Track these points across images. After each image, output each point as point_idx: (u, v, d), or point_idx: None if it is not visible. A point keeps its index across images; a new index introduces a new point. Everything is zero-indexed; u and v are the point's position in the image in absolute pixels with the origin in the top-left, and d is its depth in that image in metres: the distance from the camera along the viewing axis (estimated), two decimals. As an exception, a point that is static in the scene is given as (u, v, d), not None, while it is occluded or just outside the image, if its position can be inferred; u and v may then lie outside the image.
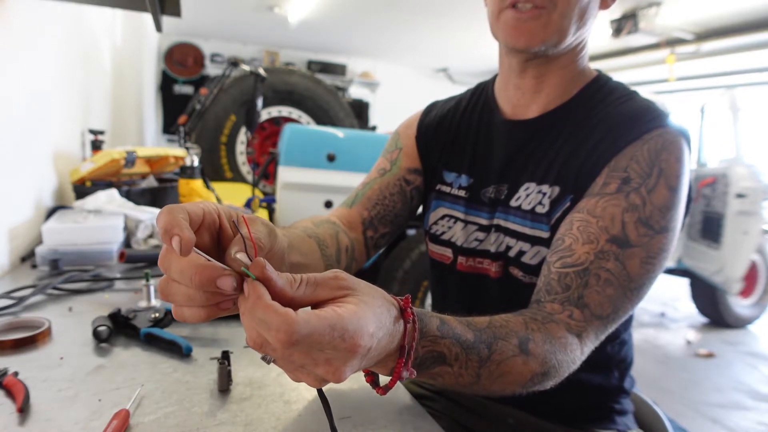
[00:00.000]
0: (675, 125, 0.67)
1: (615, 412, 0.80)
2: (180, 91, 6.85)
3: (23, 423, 0.53)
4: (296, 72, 4.37)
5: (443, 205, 0.84)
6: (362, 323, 0.36)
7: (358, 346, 0.35)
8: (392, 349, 0.41)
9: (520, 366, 0.51)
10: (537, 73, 0.74)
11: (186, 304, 0.39)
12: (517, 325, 0.54)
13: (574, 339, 0.57)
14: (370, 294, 0.39)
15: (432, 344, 0.45)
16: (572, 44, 0.71)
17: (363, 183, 0.87)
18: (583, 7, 0.67)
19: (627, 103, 0.71)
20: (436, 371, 0.47)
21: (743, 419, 2.55)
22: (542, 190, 0.71)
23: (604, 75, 0.78)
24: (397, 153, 0.89)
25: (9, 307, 0.84)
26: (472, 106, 0.86)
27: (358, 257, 0.80)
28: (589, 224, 0.62)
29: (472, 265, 0.80)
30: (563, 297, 0.60)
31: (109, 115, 2.64)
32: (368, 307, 0.37)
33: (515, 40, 0.68)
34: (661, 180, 0.62)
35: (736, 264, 3.61)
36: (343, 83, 7.52)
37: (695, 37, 4.97)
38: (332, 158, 2.86)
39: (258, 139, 4.39)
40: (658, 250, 0.62)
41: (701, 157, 3.98)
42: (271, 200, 2.96)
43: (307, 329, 0.33)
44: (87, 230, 1.15)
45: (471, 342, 0.48)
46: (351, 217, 0.82)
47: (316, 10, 5.20)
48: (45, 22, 1.39)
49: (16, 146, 1.16)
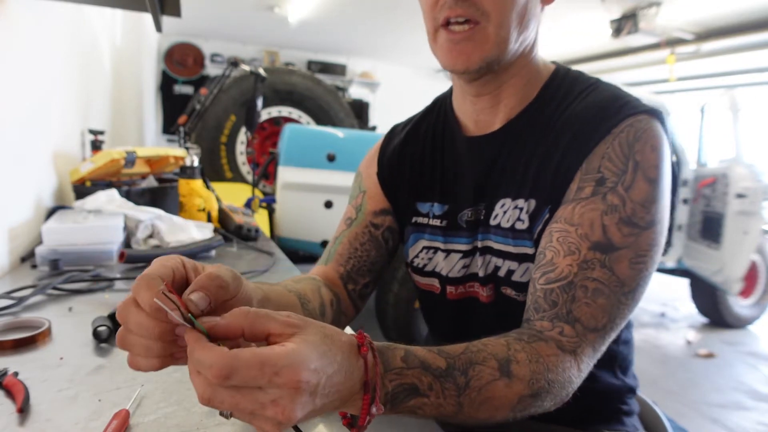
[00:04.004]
0: (645, 108, 0.63)
1: (623, 413, 0.79)
2: (180, 91, 6.85)
3: (23, 423, 0.53)
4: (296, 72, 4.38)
5: (423, 237, 0.79)
6: (300, 359, 0.36)
7: (298, 382, 0.35)
8: (356, 387, 0.41)
9: (502, 390, 0.49)
10: (490, 87, 0.70)
11: (143, 354, 0.42)
12: (496, 348, 0.52)
13: (567, 356, 0.55)
14: (318, 333, 0.39)
15: (399, 377, 0.44)
16: (518, 50, 0.67)
17: (334, 237, 0.84)
18: (521, 10, 0.63)
19: (591, 95, 0.67)
20: (412, 404, 0.45)
21: (743, 419, 2.55)
22: (518, 205, 0.68)
23: (562, 68, 0.73)
24: (361, 197, 0.84)
25: (9, 307, 0.84)
26: (433, 127, 0.81)
27: (345, 310, 0.78)
28: (569, 234, 0.59)
29: (462, 291, 0.77)
30: (552, 314, 0.57)
31: (109, 115, 2.64)
32: (309, 344, 0.37)
33: (453, 63, 0.65)
34: (638, 174, 0.59)
35: (736, 264, 3.61)
36: (343, 83, 7.52)
37: (695, 37, 4.97)
38: (332, 158, 2.86)
39: (258, 139, 4.39)
40: (648, 247, 0.59)
41: (701, 157, 3.98)
42: (271, 200, 2.96)
43: (238, 363, 0.34)
44: (87, 230, 1.15)
45: (443, 370, 0.47)
46: (328, 273, 0.80)
47: (316, 10, 5.20)
48: (45, 22, 1.39)
49: (16, 146, 1.16)
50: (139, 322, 0.40)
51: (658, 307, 4.36)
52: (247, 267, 1.23)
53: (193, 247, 1.26)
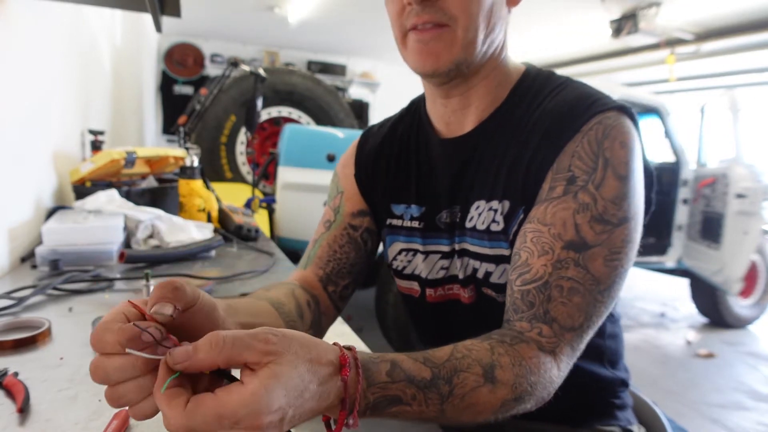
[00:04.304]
0: (614, 104, 0.63)
1: (615, 407, 0.80)
2: (180, 92, 6.85)
3: (23, 423, 0.53)
4: (296, 72, 4.38)
5: (398, 239, 0.80)
6: (261, 404, 0.35)
7: (259, 426, 0.35)
8: (333, 404, 0.41)
9: (486, 396, 0.50)
10: (460, 90, 0.70)
11: (142, 397, 0.38)
12: (481, 353, 0.52)
13: (547, 357, 0.55)
14: (294, 360, 0.38)
15: (382, 390, 0.44)
16: (487, 52, 0.67)
17: (313, 240, 0.84)
18: (487, 13, 0.64)
19: (561, 94, 0.67)
20: (393, 411, 0.46)
21: (743, 419, 2.55)
22: (493, 207, 0.68)
23: (532, 68, 0.73)
24: (339, 198, 0.85)
25: (9, 308, 0.84)
26: (408, 130, 0.82)
27: (325, 311, 0.78)
28: (542, 234, 0.60)
29: (442, 294, 0.77)
30: (529, 315, 0.58)
31: (109, 115, 2.64)
32: (278, 379, 0.36)
33: (422, 64, 0.65)
34: (608, 171, 0.59)
35: (736, 264, 3.61)
36: (343, 83, 7.52)
37: (695, 37, 4.97)
38: (332, 158, 2.87)
39: (258, 139, 4.39)
40: (622, 243, 0.59)
41: (701, 157, 3.98)
42: (271, 200, 2.96)
43: (194, 421, 0.34)
44: (87, 230, 1.15)
45: (428, 381, 0.47)
46: (307, 277, 0.80)
47: (316, 10, 5.20)
48: (44, 22, 1.39)
49: (16, 146, 1.16)
50: (118, 366, 0.37)
51: (658, 307, 4.36)
52: (247, 267, 1.23)
53: (193, 247, 1.26)
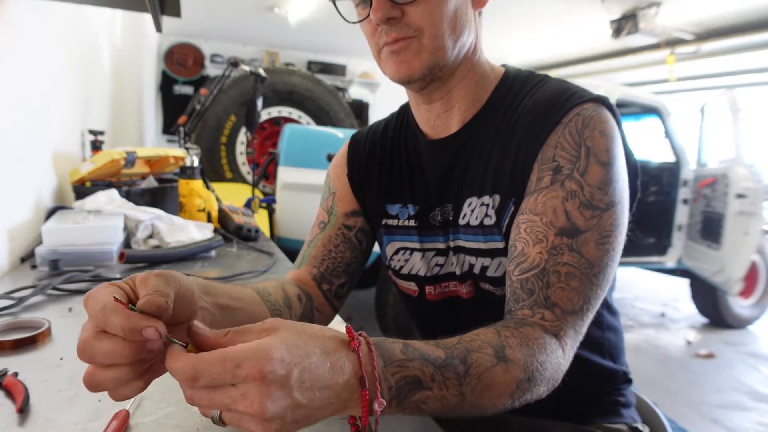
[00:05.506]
0: (591, 96, 0.66)
1: (620, 405, 0.80)
2: (180, 92, 6.84)
3: (23, 423, 0.53)
4: (296, 72, 4.38)
5: (395, 239, 0.82)
6: (262, 350, 0.36)
7: (261, 372, 0.35)
8: (351, 382, 0.41)
9: (501, 374, 0.50)
10: (440, 93, 0.73)
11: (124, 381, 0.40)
12: (488, 335, 0.53)
13: (552, 339, 0.57)
14: (293, 330, 0.40)
15: (401, 369, 0.44)
16: (459, 54, 0.70)
17: (307, 242, 0.85)
18: (452, 20, 0.66)
19: (540, 90, 0.70)
20: (417, 398, 0.45)
21: (744, 420, 2.55)
22: (484, 202, 0.70)
23: (512, 69, 0.76)
24: (332, 199, 0.86)
25: (9, 308, 0.84)
26: (398, 132, 0.84)
27: (320, 308, 0.80)
28: (535, 223, 0.62)
29: (441, 291, 0.79)
30: (530, 302, 0.59)
31: (109, 115, 2.64)
32: (278, 338, 0.38)
33: (397, 74, 0.68)
34: (591, 159, 0.62)
35: (737, 264, 3.61)
36: (343, 83, 7.52)
37: (695, 38, 4.98)
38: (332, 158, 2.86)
39: (258, 139, 4.39)
40: (611, 227, 0.61)
41: (701, 158, 3.98)
42: (271, 200, 2.96)
43: (201, 365, 0.36)
44: (87, 230, 1.15)
45: (443, 360, 0.47)
46: (301, 276, 0.81)
47: (316, 10, 5.20)
48: (44, 22, 1.39)
49: (16, 146, 1.16)
50: (110, 350, 0.38)
51: (658, 307, 4.37)
52: (247, 267, 1.23)
53: (193, 248, 1.26)
